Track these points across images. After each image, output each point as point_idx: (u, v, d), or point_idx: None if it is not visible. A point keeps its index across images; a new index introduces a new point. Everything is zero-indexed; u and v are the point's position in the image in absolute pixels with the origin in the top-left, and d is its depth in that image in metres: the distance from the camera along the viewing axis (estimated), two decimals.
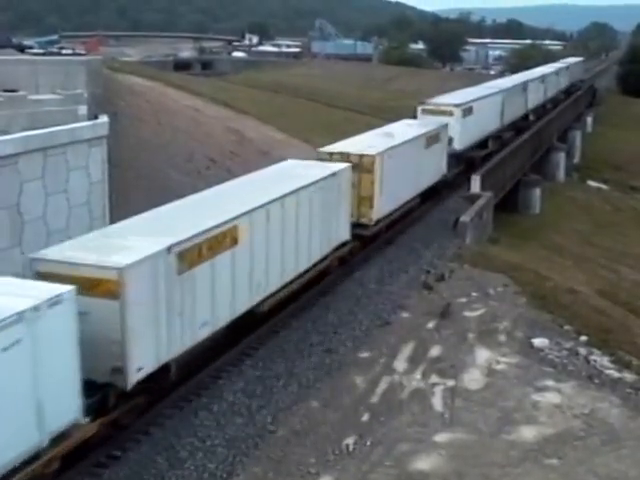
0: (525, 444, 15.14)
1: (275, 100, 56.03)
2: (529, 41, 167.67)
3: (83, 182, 22.38)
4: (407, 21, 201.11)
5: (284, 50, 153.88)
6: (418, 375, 17.60)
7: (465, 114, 35.51)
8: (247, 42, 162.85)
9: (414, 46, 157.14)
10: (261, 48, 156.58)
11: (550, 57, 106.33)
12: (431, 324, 20.32)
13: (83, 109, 24.19)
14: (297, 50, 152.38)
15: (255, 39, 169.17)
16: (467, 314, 21.12)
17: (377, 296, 21.60)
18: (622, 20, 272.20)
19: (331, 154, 23.41)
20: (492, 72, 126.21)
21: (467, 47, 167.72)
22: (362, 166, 23.33)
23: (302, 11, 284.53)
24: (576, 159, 61.53)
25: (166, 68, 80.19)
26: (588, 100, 79.97)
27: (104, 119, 23.86)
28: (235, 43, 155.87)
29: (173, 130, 34.84)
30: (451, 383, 17.35)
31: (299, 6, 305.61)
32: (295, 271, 19.13)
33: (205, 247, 14.99)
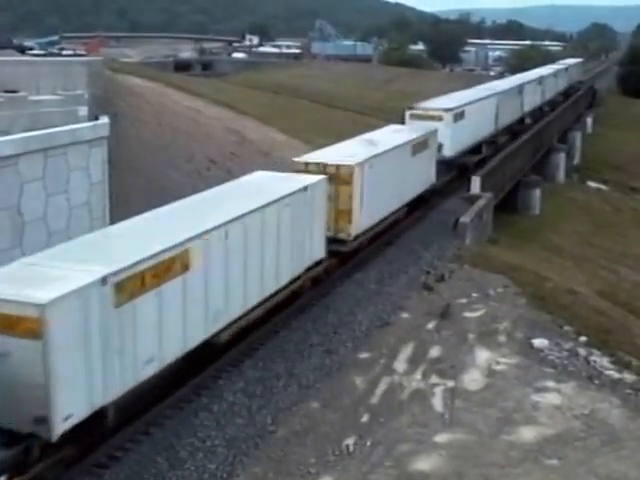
0: (525, 445, 15.14)
1: (275, 101, 56.10)
2: (529, 42, 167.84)
3: (83, 183, 22.39)
4: (407, 22, 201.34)
5: (284, 51, 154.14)
6: (418, 376, 17.60)
7: (456, 119, 34.10)
8: (247, 43, 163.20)
9: (414, 47, 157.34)
10: (261, 49, 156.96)
11: (550, 58, 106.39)
12: (431, 325, 20.32)
13: (83, 110, 24.23)
14: (297, 51, 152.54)
15: (255, 40, 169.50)
16: (467, 315, 21.13)
17: (377, 297, 21.59)
18: (622, 21, 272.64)
19: (307, 164, 21.85)
20: (492, 73, 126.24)
21: (467, 48, 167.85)
22: (339, 177, 21.63)
23: (302, 12, 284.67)
24: (576, 160, 61.54)
25: (166, 69, 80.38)
26: (588, 101, 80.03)
27: (104, 120, 23.88)
28: (235, 44, 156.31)
29: (173, 131, 34.89)
30: (451, 384, 17.35)
31: (299, 7, 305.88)
32: (260, 296, 17.56)
33: (149, 275, 13.39)
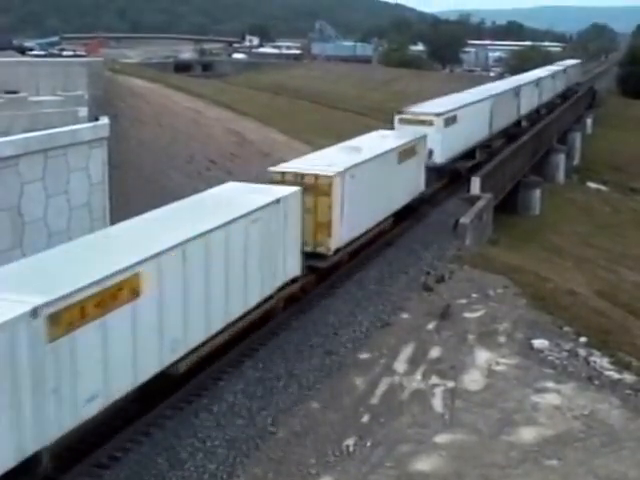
0: (525, 445, 15.14)
1: (275, 101, 56.16)
2: (529, 43, 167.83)
3: (84, 183, 22.41)
4: (407, 23, 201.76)
5: (284, 52, 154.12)
6: (418, 376, 17.60)
7: (447, 123, 32.51)
8: (247, 44, 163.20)
9: (414, 48, 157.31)
10: (261, 50, 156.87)
11: (549, 59, 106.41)
12: (431, 325, 20.33)
13: (84, 111, 24.27)
14: (297, 52, 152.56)
15: (255, 41, 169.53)
16: (467, 315, 21.13)
17: (377, 297, 21.60)
18: (622, 22, 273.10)
19: (283, 174, 20.37)
20: (492, 74, 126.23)
21: (467, 49, 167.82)
22: (318, 188, 20.15)
23: (302, 13, 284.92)
24: (576, 160, 61.60)
25: (166, 70, 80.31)
26: (588, 102, 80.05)
27: (105, 121, 23.91)
28: (235, 45, 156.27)
29: (173, 131, 34.94)
30: (451, 384, 17.35)
31: (299, 8, 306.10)
32: (225, 320, 16.12)
33: (91, 304, 12.11)
